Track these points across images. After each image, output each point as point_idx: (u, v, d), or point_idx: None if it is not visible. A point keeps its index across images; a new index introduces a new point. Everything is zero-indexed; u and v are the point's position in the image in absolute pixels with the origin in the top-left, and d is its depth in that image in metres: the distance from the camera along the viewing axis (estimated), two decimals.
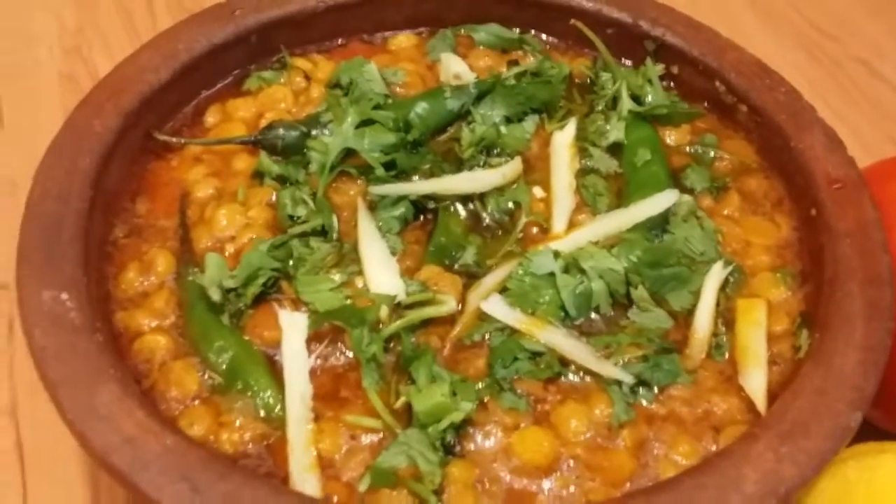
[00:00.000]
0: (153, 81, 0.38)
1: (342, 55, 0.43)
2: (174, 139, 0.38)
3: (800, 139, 0.37)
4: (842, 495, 0.31)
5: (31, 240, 0.32)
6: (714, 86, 0.40)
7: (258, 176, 0.37)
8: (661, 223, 0.36)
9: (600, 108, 0.40)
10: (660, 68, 0.41)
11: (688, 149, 0.40)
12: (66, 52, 0.55)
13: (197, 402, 0.31)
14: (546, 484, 0.29)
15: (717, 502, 0.27)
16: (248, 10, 0.41)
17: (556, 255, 0.34)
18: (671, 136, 0.40)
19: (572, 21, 0.43)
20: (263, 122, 0.39)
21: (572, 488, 0.29)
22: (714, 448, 0.30)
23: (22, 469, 0.38)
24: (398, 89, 0.41)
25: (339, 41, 0.43)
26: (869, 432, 0.32)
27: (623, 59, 0.43)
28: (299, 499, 0.27)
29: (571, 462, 0.30)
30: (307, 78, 0.42)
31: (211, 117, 0.40)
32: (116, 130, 0.36)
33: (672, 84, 0.42)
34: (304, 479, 0.29)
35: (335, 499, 0.29)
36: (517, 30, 0.44)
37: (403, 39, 0.43)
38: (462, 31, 0.44)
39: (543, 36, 0.44)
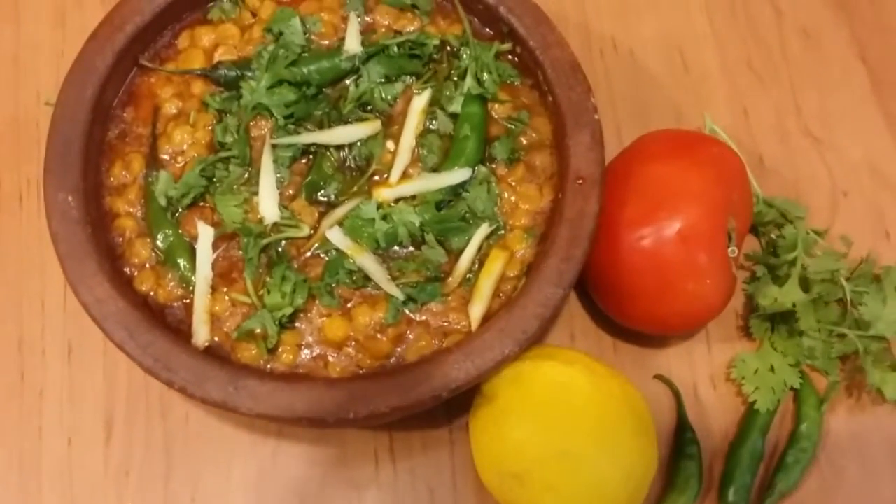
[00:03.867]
0: (139, 22, 0.55)
1: None
2: (151, 66, 0.56)
3: (572, 136, 0.52)
4: (513, 381, 0.51)
5: (52, 154, 0.51)
6: (537, 73, 0.55)
7: (205, 104, 0.55)
8: (460, 186, 0.53)
9: (455, 77, 0.56)
10: (507, 46, 0.56)
11: (505, 122, 0.55)
12: None
13: (147, 267, 0.52)
14: (336, 353, 0.51)
15: (423, 380, 0.48)
16: None
17: (379, 206, 0.52)
18: (497, 109, 0.55)
19: None
20: (218, 52, 0.56)
21: (351, 355, 0.51)
22: (441, 344, 0.51)
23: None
24: (314, 38, 0.56)
25: None
26: None
27: (488, 29, 0.57)
28: (189, 348, 0.49)
29: (354, 343, 0.51)
30: (254, 15, 0.57)
31: (181, 42, 0.56)
32: (112, 64, 0.54)
33: (516, 60, 0.56)
34: (200, 328, 0.51)
35: (215, 339, 0.51)
36: None
37: None
38: None
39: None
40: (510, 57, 0.56)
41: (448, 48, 0.56)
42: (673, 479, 0.57)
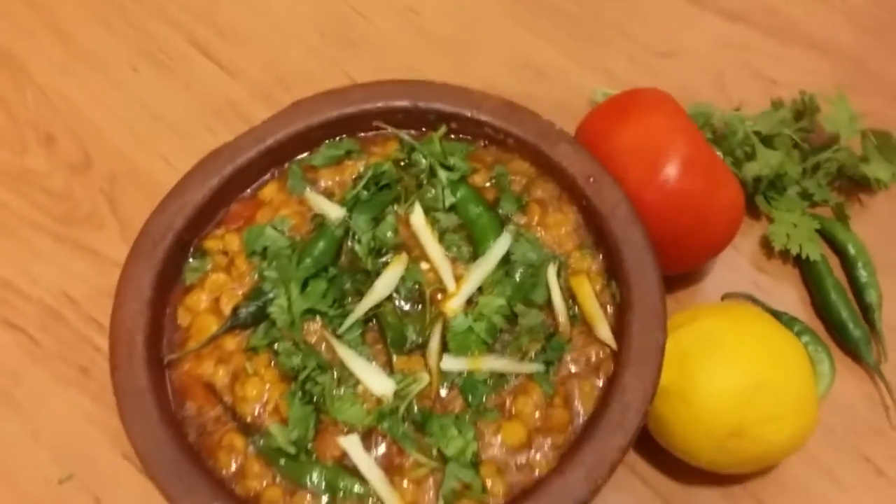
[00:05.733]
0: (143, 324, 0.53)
1: (233, 222, 0.57)
2: (176, 355, 0.53)
3: (552, 151, 0.57)
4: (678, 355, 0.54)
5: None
6: (484, 130, 0.59)
7: (252, 349, 0.53)
8: (507, 256, 0.55)
9: (424, 180, 0.58)
10: (443, 129, 0.59)
11: (488, 183, 0.58)
12: None
13: None
14: (530, 451, 0.51)
15: (615, 409, 0.50)
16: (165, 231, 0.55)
17: (466, 314, 0.53)
18: (477, 180, 0.58)
19: (374, 122, 0.59)
20: (223, 303, 0.55)
21: (542, 444, 0.51)
22: (599, 381, 0.53)
23: None
24: (289, 233, 0.57)
25: (223, 212, 0.58)
26: None
27: (412, 130, 0.60)
28: None
29: (537, 434, 0.51)
30: (225, 253, 0.56)
31: (183, 320, 0.55)
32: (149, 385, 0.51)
33: (456, 136, 0.60)
34: None
35: None
36: (341, 137, 0.59)
37: (268, 190, 0.58)
38: (303, 163, 0.59)
39: (361, 133, 0.60)
40: (450, 136, 0.59)
41: (402, 163, 0.58)
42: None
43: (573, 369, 0.53)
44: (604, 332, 0.53)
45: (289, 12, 0.79)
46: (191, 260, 0.56)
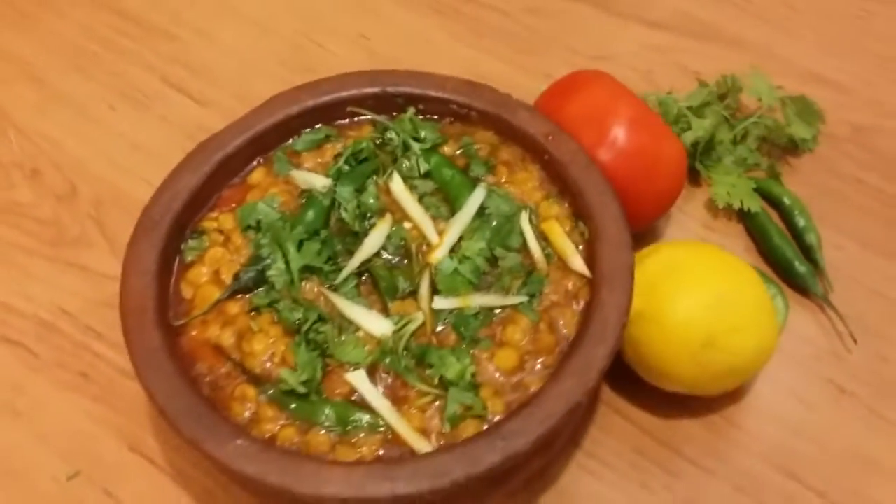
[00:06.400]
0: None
1: (225, 205, 0.62)
2: (182, 322, 0.57)
3: (513, 118, 0.63)
4: (646, 283, 0.59)
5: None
6: (449, 107, 0.65)
7: (255, 309, 0.57)
8: (481, 209, 0.60)
9: (399, 154, 0.63)
10: (412, 110, 0.65)
11: (458, 152, 0.64)
12: None
13: (336, 446, 0.53)
14: (522, 374, 0.55)
15: (596, 324, 0.54)
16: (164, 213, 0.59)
17: (451, 257, 0.58)
18: (445, 150, 0.64)
19: (348, 108, 0.65)
20: (223, 274, 0.58)
21: (535, 366, 0.55)
22: (579, 306, 0.57)
23: None
24: (279, 208, 0.61)
25: (216, 197, 0.62)
26: None
27: (384, 115, 0.66)
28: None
29: (528, 356, 0.55)
30: (221, 231, 0.60)
31: (186, 293, 0.58)
32: (163, 345, 0.55)
33: (424, 116, 0.66)
34: (420, 443, 0.52)
35: (441, 441, 0.52)
36: (318, 126, 0.65)
37: (256, 174, 0.63)
38: (287, 149, 0.64)
39: (337, 122, 0.65)
40: (420, 117, 0.65)
41: (377, 142, 0.64)
42: None
43: (554, 299, 0.57)
44: (577, 263, 0.58)
45: (252, 49, 0.85)
46: (189, 240, 0.60)
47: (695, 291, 0.58)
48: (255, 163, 0.63)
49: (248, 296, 0.58)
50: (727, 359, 0.58)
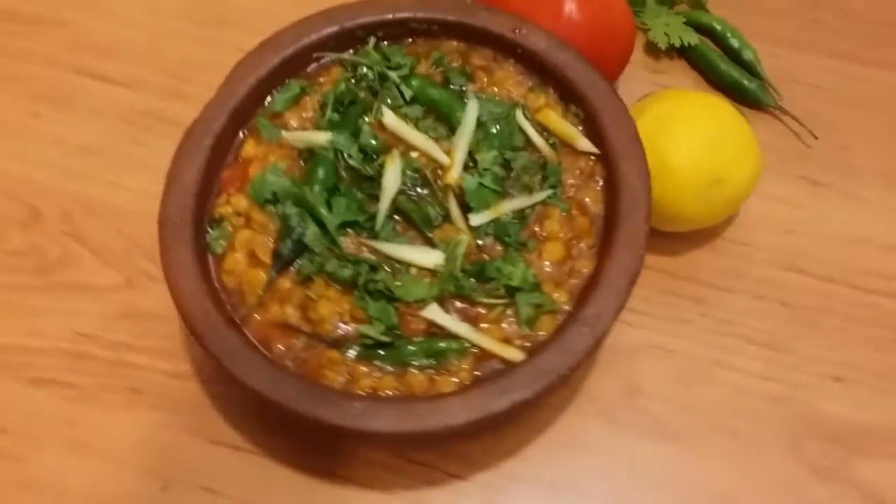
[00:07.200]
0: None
1: (230, 186, 0.60)
2: (241, 313, 0.57)
3: (476, 21, 0.63)
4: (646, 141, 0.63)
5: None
6: (409, 27, 0.65)
7: (306, 279, 0.58)
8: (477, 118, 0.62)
9: (378, 87, 0.63)
10: (372, 40, 0.65)
11: (432, 70, 0.64)
12: None
13: (434, 380, 0.56)
14: (571, 262, 0.59)
15: (625, 194, 0.58)
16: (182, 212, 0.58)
17: (471, 174, 0.60)
18: (419, 70, 0.64)
19: (314, 55, 0.64)
20: (260, 253, 0.58)
21: (583, 250, 0.59)
22: (598, 183, 0.61)
23: None
24: (285, 175, 0.61)
25: (217, 182, 0.61)
26: None
27: (347, 51, 0.65)
28: None
29: (569, 242, 0.59)
30: (239, 213, 0.60)
31: (230, 283, 0.58)
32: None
33: (386, 42, 0.66)
34: (507, 349, 0.56)
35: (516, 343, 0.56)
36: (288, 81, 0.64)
37: (248, 147, 0.62)
38: (266, 113, 0.63)
39: (303, 71, 0.64)
40: (381, 44, 0.65)
41: (351, 81, 0.64)
42: None
43: (573, 183, 0.61)
44: (584, 143, 0.61)
45: (152, 13, 0.81)
46: (211, 231, 0.59)
47: (691, 136, 0.63)
48: (240, 136, 0.62)
49: (292, 268, 0.58)
50: (732, 190, 0.63)
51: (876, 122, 0.74)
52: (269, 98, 0.63)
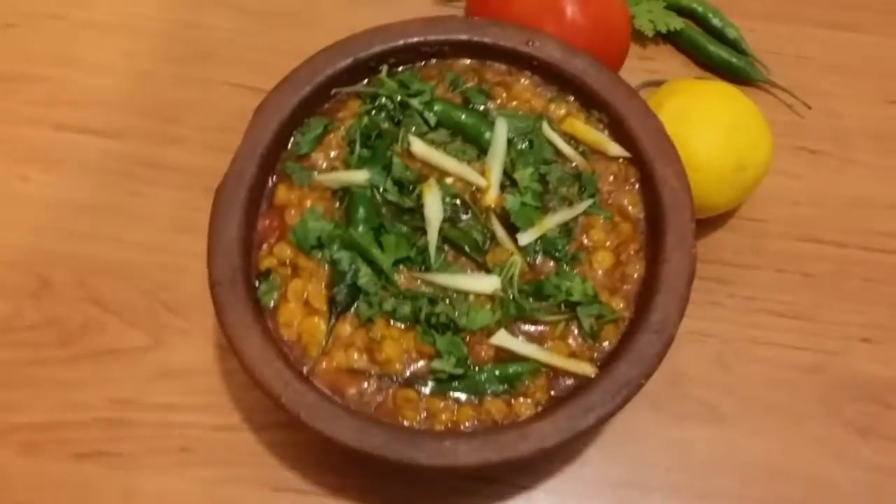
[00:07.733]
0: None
1: (270, 236, 0.59)
2: (307, 365, 0.57)
3: (486, 36, 0.63)
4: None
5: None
6: (420, 51, 0.64)
7: (367, 321, 0.57)
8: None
9: (399, 116, 0.63)
10: (385, 69, 0.64)
11: (450, 91, 0.64)
12: None
13: (511, 404, 0.56)
14: (622, 268, 0.60)
15: (666, 196, 0.59)
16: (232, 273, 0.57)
17: (512, 194, 0.60)
18: (437, 93, 0.64)
19: (332, 91, 0.63)
20: (315, 301, 0.58)
21: (631, 255, 0.60)
22: (633, 186, 0.62)
23: None
24: (324, 218, 0.60)
25: (255, 234, 0.60)
26: None
27: (359, 82, 0.64)
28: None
29: (617, 248, 0.60)
30: (284, 263, 0.59)
31: (288, 336, 0.57)
32: None
33: (400, 69, 0.65)
34: (579, 365, 0.57)
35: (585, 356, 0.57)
36: (307, 122, 0.63)
37: (280, 194, 0.61)
38: (292, 156, 0.62)
39: (321, 108, 0.63)
40: (394, 71, 0.64)
41: (372, 113, 0.63)
42: None
43: (608, 188, 0.61)
44: (614, 149, 0.62)
45: (126, 57, 0.78)
46: (260, 286, 0.58)
47: (712, 128, 0.64)
48: (270, 183, 0.61)
49: (349, 312, 0.58)
50: (753, 173, 0.65)
51: (861, 87, 0.77)
52: (291, 139, 0.62)
